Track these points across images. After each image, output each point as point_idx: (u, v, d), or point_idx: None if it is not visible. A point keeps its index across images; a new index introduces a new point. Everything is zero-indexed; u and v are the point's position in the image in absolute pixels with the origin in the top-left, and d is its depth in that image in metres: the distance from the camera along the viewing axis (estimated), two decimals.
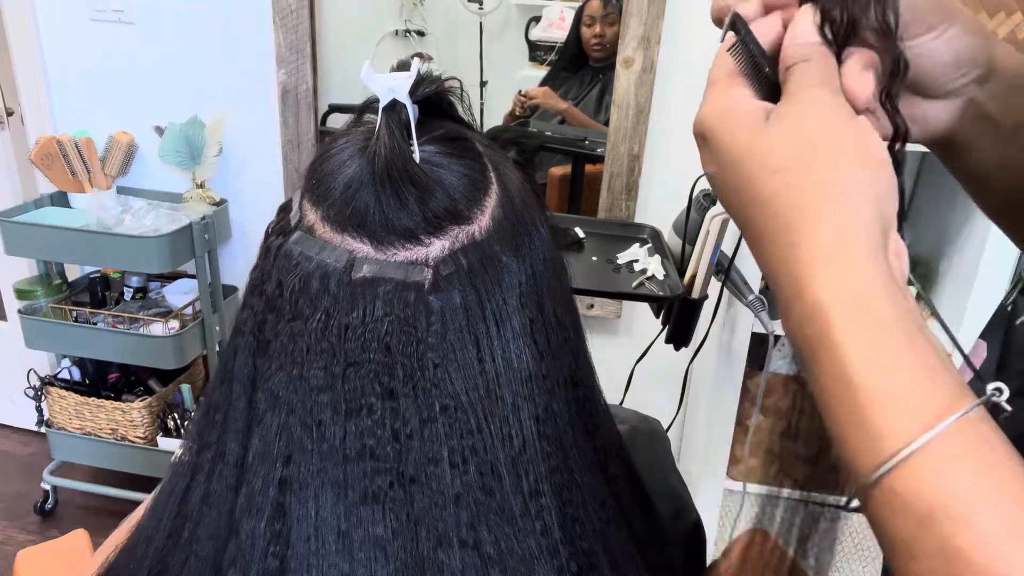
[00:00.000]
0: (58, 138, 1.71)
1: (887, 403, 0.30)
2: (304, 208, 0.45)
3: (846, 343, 0.31)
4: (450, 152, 0.45)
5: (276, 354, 0.44)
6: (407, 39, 1.76)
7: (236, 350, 0.47)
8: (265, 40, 1.66)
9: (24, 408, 1.97)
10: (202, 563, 0.46)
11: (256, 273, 0.47)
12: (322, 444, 0.43)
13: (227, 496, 0.46)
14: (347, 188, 0.43)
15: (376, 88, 0.42)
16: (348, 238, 0.43)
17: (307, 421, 0.43)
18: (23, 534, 1.96)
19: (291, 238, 0.45)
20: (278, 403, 0.44)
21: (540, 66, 1.80)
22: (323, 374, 0.43)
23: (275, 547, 0.43)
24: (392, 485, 0.43)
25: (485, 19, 1.74)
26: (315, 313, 0.43)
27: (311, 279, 0.43)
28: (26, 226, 1.67)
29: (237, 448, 0.46)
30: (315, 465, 0.43)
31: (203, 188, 1.79)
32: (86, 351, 1.80)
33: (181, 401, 1.89)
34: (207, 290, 1.77)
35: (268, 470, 0.44)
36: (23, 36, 1.79)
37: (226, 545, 0.45)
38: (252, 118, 1.75)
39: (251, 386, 0.45)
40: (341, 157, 0.45)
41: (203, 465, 0.47)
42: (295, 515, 0.43)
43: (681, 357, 1.15)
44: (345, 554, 0.43)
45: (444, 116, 0.47)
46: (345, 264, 0.42)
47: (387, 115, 0.42)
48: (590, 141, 1.74)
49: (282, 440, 0.44)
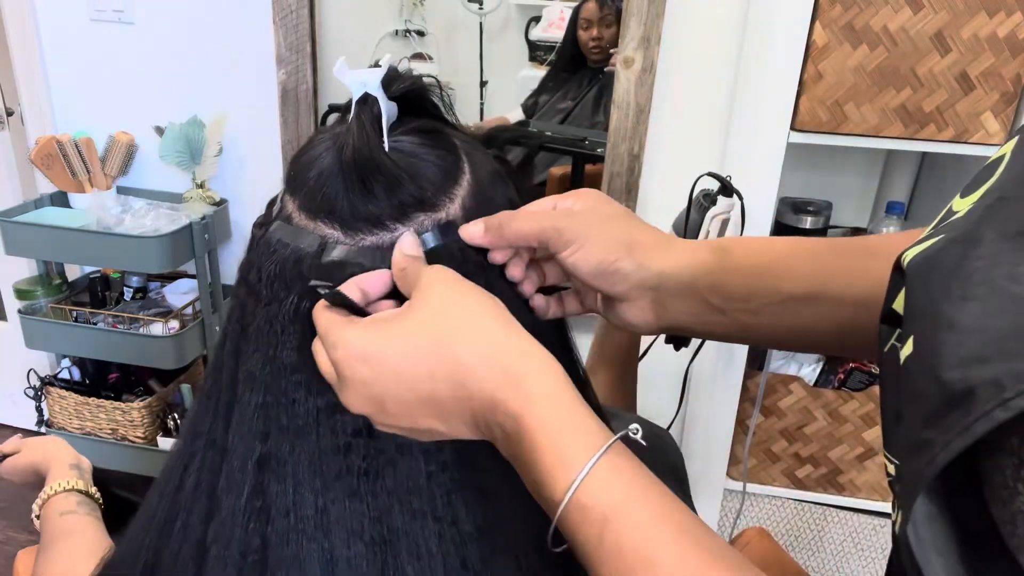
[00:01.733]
0: (58, 138, 1.71)
1: (568, 442, 0.38)
2: (284, 199, 0.47)
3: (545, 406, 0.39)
4: (423, 143, 0.47)
5: (254, 336, 0.46)
6: (407, 39, 1.76)
7: (225, 337, 0.49)
8: (265, 40, 1.66)
9: (24, 408, 1.97)
10: (193, 547, 0.47)
11: (242, 264, 0.49)
12: (296, 421, 0.45)
13: (215, 480, 0.47)
14: (319, 177, 0.45)
15: (348, 82, 0.44)
16: (320, 224, 0.45)
17: (281, 400, 0.45)
18: (23, 534, 1.96)
19: (271, 227, 0.47)
20: (255, 383, 0.46)
21: (540, 66, 1.80)
22: (296, 354, 0.45)
23: (255, 524, 0.45)
24: (365, 459, 0.44)
25: (485, 19, 1.74)
26: (288, 295, 0.45)
27: (286, 264, 0.45)
28: (26, 226, 1.67)
29: (224, 431, 0.47)
30: (291, 442, 0.45)
31: (203, 188, 1.79)
32: (86, 351, 1.80)
33: (181, 401, 1.89)
34: (207, 290, 1.77)
35: (247, 448, 0.45)
36: (23, 36, 1.79)
37: (210, 524, 0.46)
38: (252, 118, 1.75)
39: (235, 371, 0.47)
40: (317, 150, 0.47)
41: (195, 453, 0.49)
42: (274, 492, 0.45)
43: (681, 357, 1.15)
44: (323, 529, 0.44)
45: (424, 114, 0.49)
46: (317, 249, 0.44)
47: (359, 108, 0.44)
48: (590, 141, 1.74)
49: (259, 419, 0.45)
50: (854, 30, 1.26)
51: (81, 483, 0.77)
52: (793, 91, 1.33)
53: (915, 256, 0.37)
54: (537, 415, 0.39)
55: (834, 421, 1.58)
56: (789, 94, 1.33)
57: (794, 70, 1.32)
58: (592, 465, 0.37)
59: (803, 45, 1.30)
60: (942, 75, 1.27)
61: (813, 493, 1.64)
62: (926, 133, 1.31)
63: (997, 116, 1.28)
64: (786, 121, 1.35)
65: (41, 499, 0.75)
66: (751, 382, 1.57)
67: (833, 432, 1.58)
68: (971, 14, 1.22)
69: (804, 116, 1.34)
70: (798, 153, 1.42)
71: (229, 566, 0.45)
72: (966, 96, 1.27)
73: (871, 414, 1.56)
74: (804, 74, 1.32)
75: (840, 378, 1.62)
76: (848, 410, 1.56)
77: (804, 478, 1.64)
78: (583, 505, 0.37)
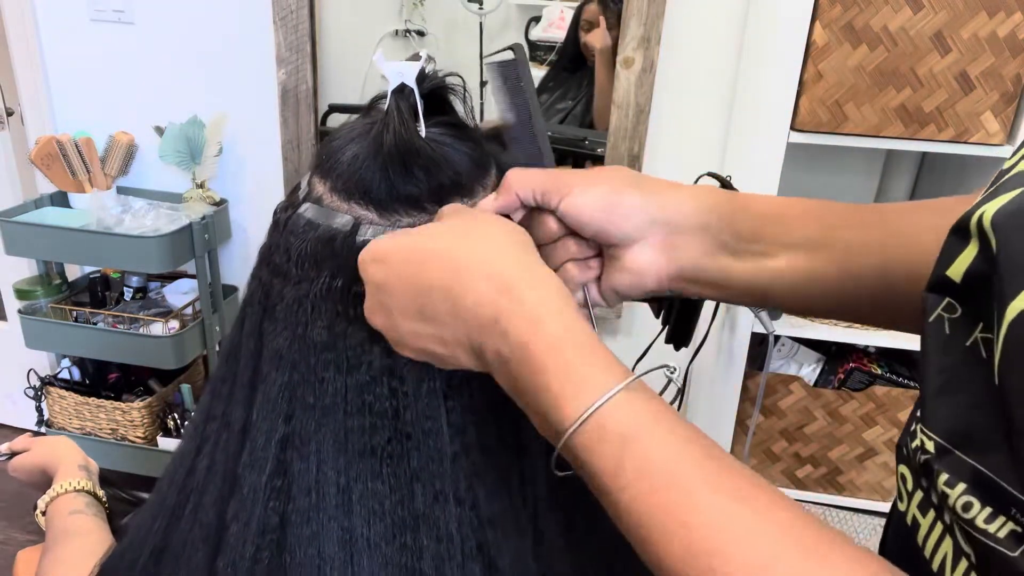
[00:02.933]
0: (58, 138, 1.71)
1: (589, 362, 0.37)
2: (313, 182, 0.48)
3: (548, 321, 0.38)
4: (454, 135, 0.48)
5: (281, 316, 0.46)
6: (407, 39, 1.76)
7: (244, 320, 0.49)
8: (265, 40, 1.66)
9: (24, 408, 1.97)
10: (205, 528, 0.47)
11: (264, 247, 0.49)
12: (324, 399, 0.45)
13: (232, 463, 0.47)
14: (354, 159, 0.46)
15: (387, 71, 0.46)
16: (355, 205, 0.46)
17: (309, 378, 0.45)
18: (23, 534, 1.96)
19: (300, 209, 0.47)
20: (282, 362, 0.46)
21: (540, 66, 1.80)
22: (326, 332, 0.45)
23: (275, 502, 0.45)
24: (390, 440, 0.45)
25: (485, 19, 1.74)
26: (320, 275, 0.45)
27: (318, 243, 0.45)
28: (26, 226, 1.67)
29: (242, 413, 0.47)
30: (316, 420, 0.45)
31: (203, 188, 1.79)
32: (86, 351, 1.80)
33: (181, 401, 1.89)
34: (207, 290, 1.77)
35: (271, 426, 0.46)
36: (23, 36, 1.79)
37: (229, 503, 0.46)
38: (252, 118, 1.75)
39: (257, 352, 0.47)
40: (349, 135, 0.48)
41: (208, 436, 0.49)
42: (296, 470, 0.45)
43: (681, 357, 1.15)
44: (344, 508, 0.44)
45: (446, 112, 0.50)
46: (351, 228, 0.45)
47: (396, 97, 0.45)
48: (590, 141, 1.74)
49: (284, 397, 0.46)
50: (854, 30, 1.26)
51: (89, 484, 0.77)
52: (793, 91, 1.33)
53: (998, 210, 0.35)
54: (545, 337, 0.37)
55: (834, 421, 1.58)
56: (789, 94, 1.33)
57: (794, 70, 1.32)
58: (619, 390, 0.35)
59: (803, 45, 1.30)
60: (942, 75, 1.27)
61: (813, 493, 1.64)
62: (926, 133, 1.31)
63: (997, 116, 1.28)
64: (786, 121, 1.35)
65: (49, 496, 0.75)
66: (751, 382, 1.57)
67: (833, 432, 1.59)
68: (971, 14, 1.22)
69: (804, 116, 1.34)
70: (798, 153, 1.42)
71: (248, 543, 0.45)
72: (966, 96, 1.27)
73: (871, 414, 1.56)
74: (804, 74, 1.32)
75: (840, 378, 1.62)
76: (848, 410, 1.56)
77: (804, 478, 1.64)
78: (601, 425, 0.35)
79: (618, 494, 0.34)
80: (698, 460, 0.34)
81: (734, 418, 1.57)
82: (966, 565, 0.37)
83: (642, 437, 0.35)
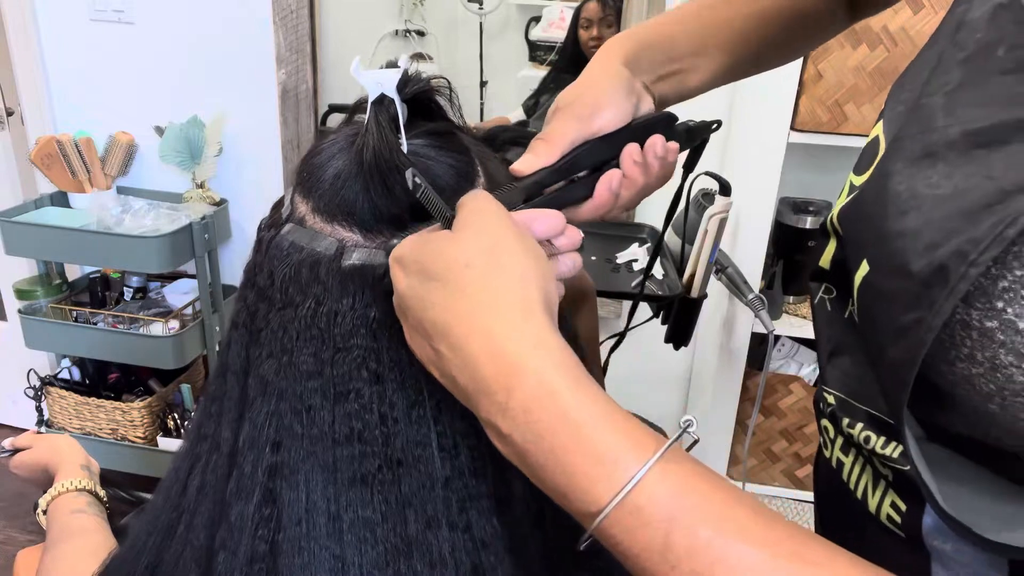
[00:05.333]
0: (58, 138, 1.71)
1: (615, 438, 0.35)
2: (295, 201, 0.47)
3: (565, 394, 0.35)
4: (438, 145, 0.46)
5: (267, 342, 0.45)
6: (407, 39, 1.76)
7: (230, 342, 0.48)
8: (265, 40, 1.66)
9: (24, 408, 1.97)
10: (197, 551, 0.47)
11: (249, 266, 0.48)
12: (312, 428, 0.44)
13: (221, 485, 0.46)
14: (336, 179, 0.45)
15: (365, 83, 0.44)
16: (338, 227, 0.44)
17: (297, 406, 0.44)
18: (23, 534, 1.96)
19: (282, 230, 0.46)
20: (268, 389, 0.45)
21: (540, 66, 1.80)
22: (312, 360, 0.44)
23: (263, 531, 0.44)
24: (380, 468, 0.44)
25: (485, 19, 1.74)
26: (305, 300, 0.44)
27: (301, 267, 0.44)
28: (26, 226, 1.67)
29: (230, 436, 0.46)
30: (305, 449, 0.44)
31: (203, 188, 1.79)
32: (86, 351, 1.80)
33: (181, 401, 1.89)
34: (207, 290, 1.77)
35: (258, 454, 0.45)
36: (23, 36, 1.79)
37: (218, 530, 0.46)
38: (252, 118, 1.75)
39: (244, 376, 0.46)
40: (331, 151, 0.46)
41: (200, 456, 0.48)
42: (286, 499, 0.44)
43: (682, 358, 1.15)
44: (335, 537, 0.43)
45: (433, 116, 0.49)
46: (335, 252, 0.44)
47: (375, 109, 0.44)
48: None
49: (272, 425, 0.45)
50: (854, 30, 1.26)
51: (91, 484, 0.77)
52: (793, 91, 1.33)
53: (839, 211, 0.47)
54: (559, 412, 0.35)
55: None
56: (789, 94, 1.33)
57: (794, 70, 1.32)
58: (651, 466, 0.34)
59: None
60: None
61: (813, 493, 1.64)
62: None
63: None
64: (786, 121, 1.35)
65: (51, 495, 0.75)
66: (751, 382, 1.57)
67: None
68: None
69: (804, 116, 1.34)
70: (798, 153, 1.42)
71: (236, 572, 0.44)
72: None
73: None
74: (804, 74, 1.32)
75: None
76: None
77: (804, 478, 1.64)
78: (638, 507, 0.34)
79: (669, 572, 0.33)
80: (744, 525, 0.34)
81: (734, 418, 1.58)
82: (884, 485, 0.49)
83: (687, 513, 0.33)
